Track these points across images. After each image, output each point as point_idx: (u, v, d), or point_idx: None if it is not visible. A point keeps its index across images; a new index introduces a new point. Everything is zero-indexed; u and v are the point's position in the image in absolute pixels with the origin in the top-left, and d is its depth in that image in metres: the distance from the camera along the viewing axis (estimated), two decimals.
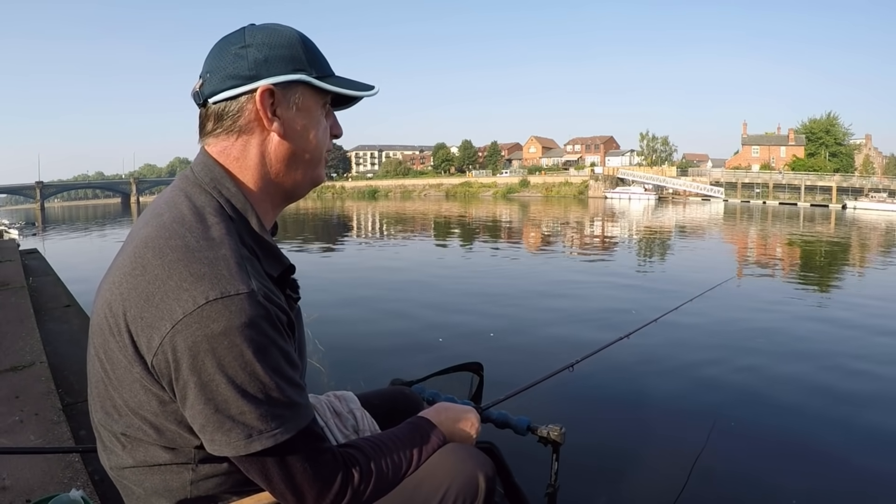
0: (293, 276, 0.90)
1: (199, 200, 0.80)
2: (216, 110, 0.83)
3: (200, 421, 0.72)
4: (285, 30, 0.85)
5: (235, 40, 0.83)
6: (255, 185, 0.85)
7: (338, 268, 11.55)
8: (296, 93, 0.84)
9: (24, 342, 3.13)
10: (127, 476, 0.82)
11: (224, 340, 0.69)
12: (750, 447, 3.13)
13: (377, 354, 4.83)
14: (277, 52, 0.82)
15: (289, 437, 0.74)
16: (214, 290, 0.69)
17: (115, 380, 0.76)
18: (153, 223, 0.78)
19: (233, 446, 0.72)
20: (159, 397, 0.74)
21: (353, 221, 28.07)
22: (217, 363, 0.69)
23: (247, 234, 0.81)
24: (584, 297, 7.69)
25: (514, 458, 1.14)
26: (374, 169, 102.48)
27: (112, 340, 0.75)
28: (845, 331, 5.81)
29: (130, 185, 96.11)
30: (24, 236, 22.26)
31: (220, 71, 0.82)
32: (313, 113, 0.87)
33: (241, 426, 0.71)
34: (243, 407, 0.71)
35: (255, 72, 0.81)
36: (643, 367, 4.42)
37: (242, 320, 0.69)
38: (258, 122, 0.83)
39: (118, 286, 0.75)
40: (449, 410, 1.05)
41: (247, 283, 0.72)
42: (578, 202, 47.89)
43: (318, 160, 0.90)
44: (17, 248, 8.80)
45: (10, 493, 1.60)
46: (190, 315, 0.68)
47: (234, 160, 0.84)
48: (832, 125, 58.18)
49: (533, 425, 1.24)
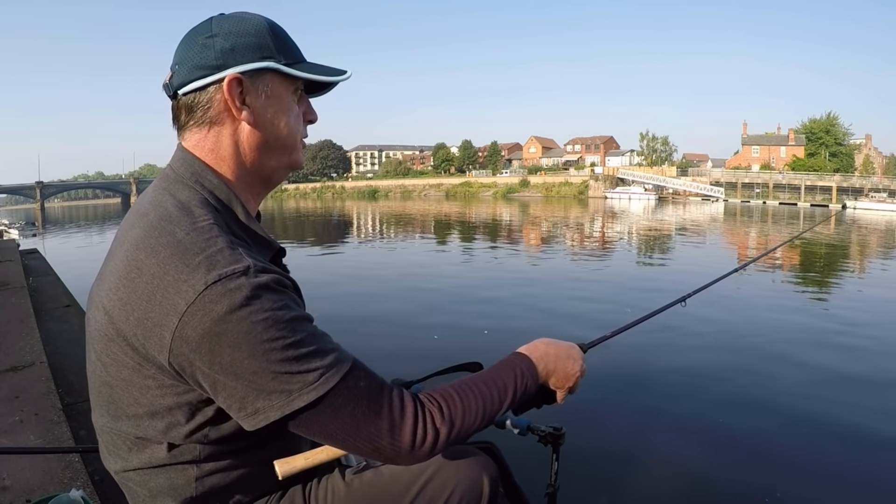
0: (283, 259, 0.91)
1: (182, 196, 0.80)
2: (186, 102, 0.83)
3: (238, 397, 0.71)
4: (253, 17, 0.84)
5: (202, 30, 0.82)
6: (234, 175, 0.86)
7: (338, 268, 11.55)
8: (265, 80, 0.83)
9: (24, 342, 3.13)
10: (132, 478, 0.82)
11: (231, 318, 0.68)
12: (751, 448, 3.13)
13: (377, 354, 4.83)
14: (244, 41, 0.81)
15: (332, 385, 0.73)
16: (211, 275, 0.69)
17: (121, 382, 0.76)
18: (140, 224, 0.78)
19: (276, 408, 0.71)
20: (175, 390, 0.74)
21: (353, 222, 28.07)
22: (232, 342, 0.69)
23: (234, 224, 0.82)
24: (584, 297, 7.68)
25: (514, 458, 1.14)
26: (374, 169, 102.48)
27: (115, 345, 0.75)
28: (850, 331, 5.81)
29: (130, 185, 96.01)
30: (24, 236, 22.27)
31: (188, 62, 0.81)
32: (284, 100, 0.86)
33: (280, 389, 0.71)
34: (274, 371, 0.70)
35: (221, 61, 0.80)
36: (644, 368, 4.42)
37: (244, 294, 0.69)
38: (228, 112, 0.82)
39: (115, 292, 0.74)
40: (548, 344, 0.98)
41: (241, 261, 0.71)
42: (578, 202, 47.90)
43: (293, 146, 0.90)
44: (17, 248, 8.81)
45: (10, 493, 1.60)
46: (193, 304, 0.68)
47: (210, 152, 0.84)
48: (832, 125, 58.18)
49: (533, 425, 1.24)
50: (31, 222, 37.91)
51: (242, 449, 0.79)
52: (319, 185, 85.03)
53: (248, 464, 0.83)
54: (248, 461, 0.82)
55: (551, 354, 0.96)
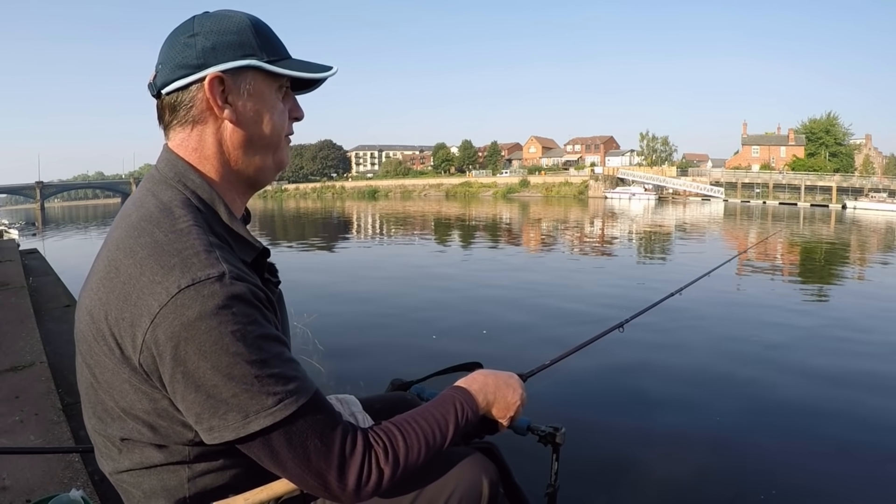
0: (269, 259, 0.90)
1: (165, 196, 0.80)
2: (170, 101, 0.83)
3: (195, 411, 0.71)
4: (235, 15, 0.84)
5: (184, 30, 0.82)
6: (218, 175, 0.85)
7: (338, 268, 11.54)
8: (247, 78, 0.83)
9: (24, 342, 3.13)
10: (125, 479, 0.82)
11: (201, 325, 0.68)
12: (752, 449, 3.12)
13: (377, 354, 4.82)
14: (225, 39, 0.81)
15: (289, 412, 0.72)
16: (185, 278, 0.69)
17: (104, 384, 0.76)
18: (122, 225, 0.78)
19: (231, 429, 0.70)
20: (150, 395, 0.74)
21: (353, 222, 28.07)
22: (199, 349, 0.68)
23: (217, 224, 0.81)
24: (583, 297, 7.68)
25: (514, 458, 1.14)
26: (374, 169, 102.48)
27: (97, 346, 0.75)
28: (851, 330, 5.81)
29: (130, 185, 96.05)
30: (24, 236, 22.26)
31: (171, 61, 0.81)
32: (267, 98, 0.85)
33: (237, 408, 0.70)
34: (234, 389, 0.69)
35: (202, 60, 0.80)
36: (644, 368, 4.42)
37: (216, 303, 0.69)
38: (210, 111, 0.82)
39: (96, 292, 0.75)
40: (487, 376, 0.99)
41: (217, 266, 0.71)
42: (578, 202, 47.88)
43: (277, 144, 0.89)
44: (17, 248, 8.82)
45: (10, 493, 1.60)
46: (165, 306, 0.68)
47: (193, 151, 0.84)
48: (832, 125, 58.19)
49: (533, 425, 1.24)
50: (31, 222, 37.92)
51: (233, 449, 0.78)
52: (319, 185, 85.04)
53: (240, 464, 0.82)
54: (240, 461, 0.82)
55: (490, 385, 0.97)
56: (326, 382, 3.78)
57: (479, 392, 0.95)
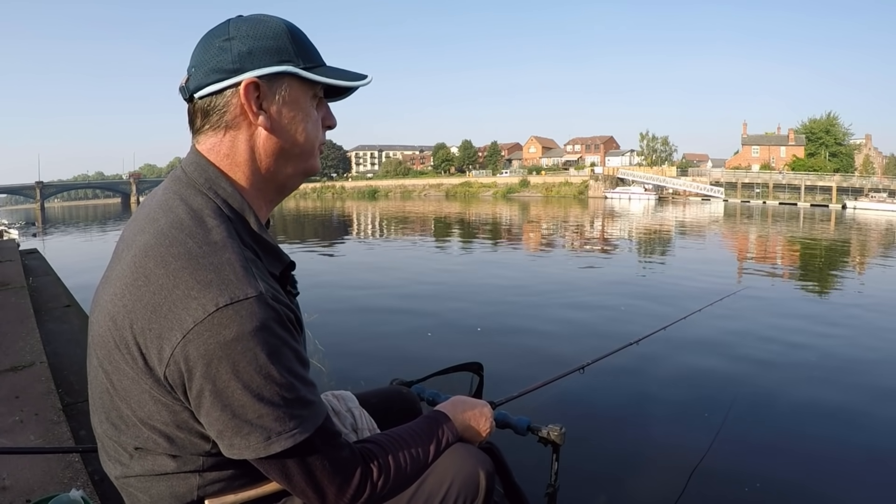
0: (293, 272, 0.89)
1: (195, 203, 0.78)
2: (203, 105, 0.81)
3: (218, 427, 0.72)
4: (271, 20, 0.82)
5: (220, 33, 0.81)
6: (248, 182, 0.83)
7: (338, 268, 11.54)
8: (282, 85, 0.81)
9: (24, 342, 3.13)
10: (133, 484, 0.81)
11: (237, 346, 0.68)
12: (752, 454, 3.11)
13: (377, 354, 4.82)
14: (262, 44, 0.79)
15: (307, 436, 0.74)
16: (223, 297, 0.68)
17: (121, 391, 0.75)
18: (150, 230, 0.76)
19: (252, 449, 0.72)
20: (170, 407, 0.73)
21: (353, 221, 28.06)
22: (232, 369, 0.69)
23: (246, 234, 0.80)
24: (582, 297, 7.68)
25: (514, 458, 1.14)
26: (374, 169, 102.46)
27: (117, 353, 0.74)
28: (851, 335, 5.80)
29: (130, 185, 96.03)
30: (24, 236, 22.25)
31: (205, 65, 0.80)
32: (302, 105, 0.84)
33: (260, 429, 0.71)
34: (261, 410, 0.71)
35: (238, 65, 0.78)
36: (644, 369, 4.41)
37: (254, 325, 0.69)
38: (244, 117, 0.80)
39: (121, 298, 0.73)
40: (465, 404, 1.06)
41: (255, 286, 0.70)
42: (578, 202, 47.86)
43: (310, 152, 0.87)
44: (17, 248, 8.81)
45: (10, 493, 1.60)
46: (201, 323, 0.67)
47: (224, 157, 0.82)
48: (832, 125, 58.17)
49: (533, 425, 1.24)
50: (31, 222, 37.88)
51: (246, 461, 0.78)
52: (319, 185, 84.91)
53: (248, 472, 0.82)
54: (249, 469, 0.82)
55: (468, 413, 1.05)
56: (327, 382, 3.77)
57: (457, 418, 1.02)
